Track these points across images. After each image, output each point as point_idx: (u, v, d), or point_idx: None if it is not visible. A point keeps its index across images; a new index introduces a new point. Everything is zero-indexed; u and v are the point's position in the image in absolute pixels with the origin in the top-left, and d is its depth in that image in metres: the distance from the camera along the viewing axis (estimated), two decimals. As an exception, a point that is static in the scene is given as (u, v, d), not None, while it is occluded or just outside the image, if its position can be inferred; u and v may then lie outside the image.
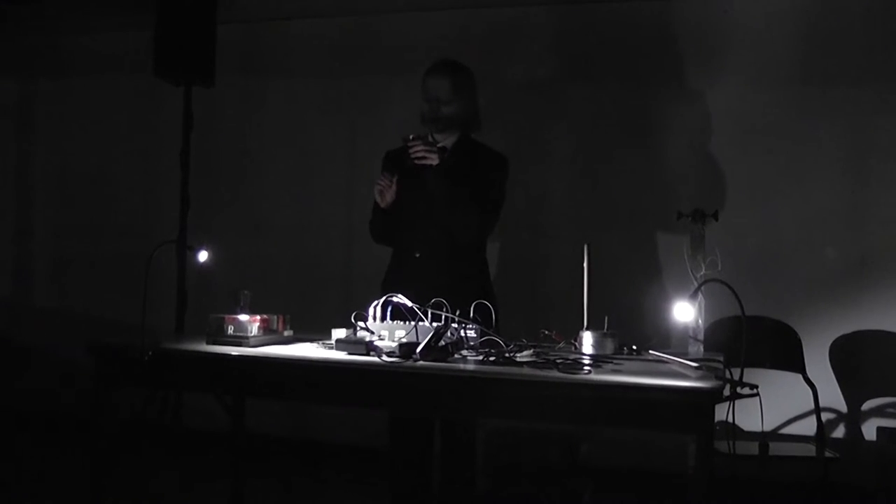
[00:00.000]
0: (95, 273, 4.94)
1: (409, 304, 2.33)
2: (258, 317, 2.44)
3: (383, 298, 2.38)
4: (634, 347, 2.41)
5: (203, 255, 2.65)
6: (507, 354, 2.24)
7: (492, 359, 2.20)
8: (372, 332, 2.34)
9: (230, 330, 2.40)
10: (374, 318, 2.39)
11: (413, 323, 2.30)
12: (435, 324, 2.28)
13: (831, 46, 3.86)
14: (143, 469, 3.80)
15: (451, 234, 2.92)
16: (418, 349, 2.17)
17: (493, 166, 3.02)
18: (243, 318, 2.41)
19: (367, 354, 2.23)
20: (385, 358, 2.18)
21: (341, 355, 2.26)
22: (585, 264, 2.38)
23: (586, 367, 2.09)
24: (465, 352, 2.29)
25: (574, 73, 4.22)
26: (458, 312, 2.33)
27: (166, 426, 3.93)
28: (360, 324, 2.36)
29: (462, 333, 2.33)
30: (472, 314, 2.37)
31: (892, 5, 3.78)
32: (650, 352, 2.35)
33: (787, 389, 3.50)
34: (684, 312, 2.31)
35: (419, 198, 2.94)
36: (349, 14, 4.54)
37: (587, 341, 2.36)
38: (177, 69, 3.90)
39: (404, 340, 2.25)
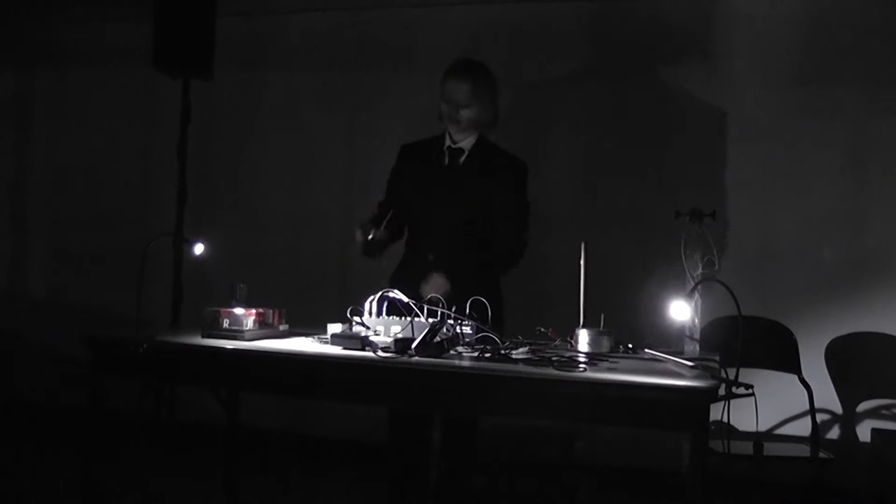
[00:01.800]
0: (92, 265, 4.93)
1: (405, 299, 2.33)
2: (254, 310, 2.43)
3: (379, 294, 2.37)
4: (630, 346, 2.41)
5: (199, 248, 2.64)
6: (502, 351, 2.23)
7: (487, 356, 2.20)
8: (367, 328, 2.34)
9: (225, 323, 2.39)
10: (370, 314, 2.38)
11: (409, 318, 2.30)
12: (431, 320, 2.28)
13: (831, 47, 3.86)
14: (137, 462, 3.80)
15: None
16: (414, 345, 2.17)
17: (510, 172, 3.00)
18: (239, 311, 2.40)
19: (363, 350, 2.23)
20: (380, 353, 2.17)
21: (336, 350, 2.26)
22: (582, 262, 2.38)
23: (582, 365, 2.08)
24: (460, 348, 2.29)
25: (574, 73, 4.22)
26: (454, 308, 2.33)
27: (161, 420, 3.92)
28: (356, 319, 2.35)
29: (458, 330, 2.33)
30: (468, 311, 2.36)
31: (892, 6, 3.78)
32: (646, 350, 2.35)
33: (782, 390, 3.50)
34: (681, 311, 2.31)
35: (434, 203, 2.93)
36: (348, 9, 4.53)
37: (583, 339, 2.36)
38: (175, 62, 3.89)
39: (400, 336, 2.25)
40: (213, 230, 3.66)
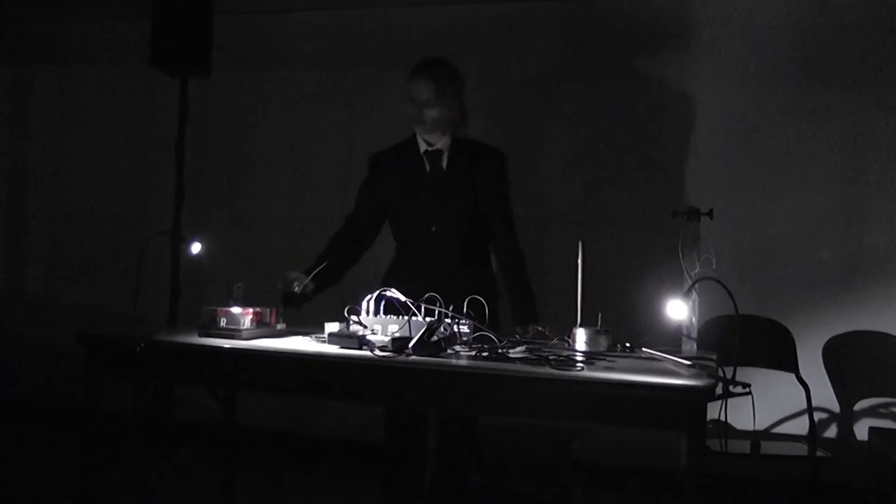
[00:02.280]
0: (89, 263, 4.93)
1: (403, 298, 2.32)
2: (251, 309, 2.43)
3: (377, 293, 2.37)
4: (628, 345, 2.40)
5: (196, 247, 2.64)
6: (499, 350, 2.23)
7: (484, 354, 2.20)
8: (365, 327, 2.34)
9: (223, 322, 2.39)
10: (368, 313, 2.38)
11: (406, 317, 2.30)
12: (428, 319, 2.28)
13: (829, 47, 3.86)
14: (134, 462, 3.79)
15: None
16: (411, 344, 2.17)
17: (494, 164, 2.99)
18: (236, 310, 2.40)
19: (360, 349, 2.23)
20: (377, 352, 2.17)
21: (334, 349, 2.26)
22: (579, 261, 2.38)
23: (579, 364, 2.08)
24: (458, 347, 2.29)
25: (572, 70, 4.21)
26: (451, 307, 2.33)
27: (157, 418, 3.92)
28: (353, 318, 2.35)
29: (455, 329, 2.32)
30: (465, 309, 2.36)
31: (892, 6, 3.78)
32: (643, 349, 2.35)
33: (779, 388, 3.50)
34: (678, 310, 2.31)
35: (424, 207, 2.92)
36: (346, 7, 4.53)
37: (580, 338, 2.36)
38: (173, 60, 3.89)
39: (397, 335, 2.25)
40: (211, 229, 3.67)
